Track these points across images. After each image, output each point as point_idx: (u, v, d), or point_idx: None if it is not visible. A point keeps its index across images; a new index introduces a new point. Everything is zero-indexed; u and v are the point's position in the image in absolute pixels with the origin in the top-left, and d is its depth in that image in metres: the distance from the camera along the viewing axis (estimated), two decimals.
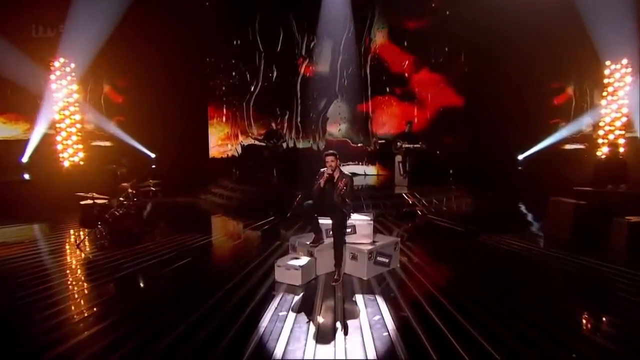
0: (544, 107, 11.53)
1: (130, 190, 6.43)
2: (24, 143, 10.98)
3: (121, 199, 6.35)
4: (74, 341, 3.49)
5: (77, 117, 10.94)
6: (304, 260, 4.87)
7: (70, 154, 10.95)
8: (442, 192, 9.57)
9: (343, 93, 12.20)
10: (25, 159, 11.00)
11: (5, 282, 4.83)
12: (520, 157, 11.97)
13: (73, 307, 4.19)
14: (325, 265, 5.02)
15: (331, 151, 5.00)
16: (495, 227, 7.30)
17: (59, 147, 10.86)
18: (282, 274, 4.79)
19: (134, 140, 11.98)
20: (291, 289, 4.59)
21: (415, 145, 9.60)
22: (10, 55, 9.96)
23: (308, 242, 5.13)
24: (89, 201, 6.46)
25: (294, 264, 4.76)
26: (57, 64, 10.56)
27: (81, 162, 10.99)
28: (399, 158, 9.83)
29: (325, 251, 5.04)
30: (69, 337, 3.54)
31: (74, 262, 5.65)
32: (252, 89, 12.46)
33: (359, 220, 5.18)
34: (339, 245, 4.86)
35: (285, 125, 12.49)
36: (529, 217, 8.61)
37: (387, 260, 5.20)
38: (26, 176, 10.67)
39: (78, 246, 6.12)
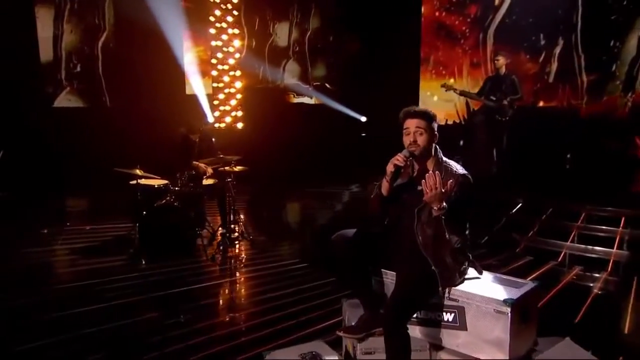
0: None
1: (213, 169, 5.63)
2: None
3: (181, 180, 5.43)
4: None
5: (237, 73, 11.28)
6: None
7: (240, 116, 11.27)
8: None
9: None
10: (210, 119, 11.94)
11: None
12: None
13: None
14: None
15: (415, 108, 2.83)
16: None
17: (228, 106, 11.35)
18: None
19: (335, 101, 11.46)
20: None
21: None
22: None
23: (353, 325, 2.82)
24: (134, 181, 5.34)
25: None
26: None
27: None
28: None
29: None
30: None
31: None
32: (496, 2, 9.75)
33: (480, 296, 2.62)
34: (396, 348, 2.56)
35: (555, 66, 9.01)
36: None
37: None
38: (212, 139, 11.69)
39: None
